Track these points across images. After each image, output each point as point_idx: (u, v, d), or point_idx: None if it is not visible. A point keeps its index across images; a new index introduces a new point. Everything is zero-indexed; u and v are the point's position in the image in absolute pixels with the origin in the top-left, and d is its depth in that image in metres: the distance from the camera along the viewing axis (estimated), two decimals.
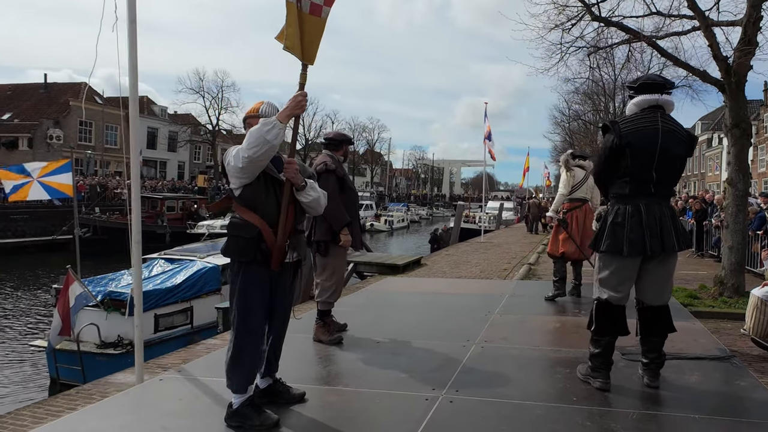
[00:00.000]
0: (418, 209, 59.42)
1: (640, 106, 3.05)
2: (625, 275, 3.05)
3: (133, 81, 3.38)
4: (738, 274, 6.46)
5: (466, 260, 11.96)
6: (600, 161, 3.14)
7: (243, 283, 2.59)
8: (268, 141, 2.40)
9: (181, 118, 45.77)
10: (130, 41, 3.35)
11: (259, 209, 2.59)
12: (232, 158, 2.49)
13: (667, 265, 3.10)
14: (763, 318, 4.84)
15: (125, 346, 7.23)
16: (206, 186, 38.73)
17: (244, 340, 2.59)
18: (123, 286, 7.97)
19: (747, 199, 6.90)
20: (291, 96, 2.57)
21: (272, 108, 2.69)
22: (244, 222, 2.58)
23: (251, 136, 2.41)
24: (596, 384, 3.09)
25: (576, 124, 32.48)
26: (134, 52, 3.36)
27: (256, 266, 2.59)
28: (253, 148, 2.40)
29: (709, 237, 11.53)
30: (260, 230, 2.56)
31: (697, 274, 8.94)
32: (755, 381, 3.23)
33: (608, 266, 3.08)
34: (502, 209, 30.45)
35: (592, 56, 9.03)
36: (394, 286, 7.34)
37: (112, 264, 15.90)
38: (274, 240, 2.58)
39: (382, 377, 3.34)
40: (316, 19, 2.82)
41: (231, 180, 2.60)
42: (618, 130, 2.99)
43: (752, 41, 6.20)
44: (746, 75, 6.44)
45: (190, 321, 8.49)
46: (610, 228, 3.03)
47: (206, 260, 9.37)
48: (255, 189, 2.59)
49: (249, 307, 2.60)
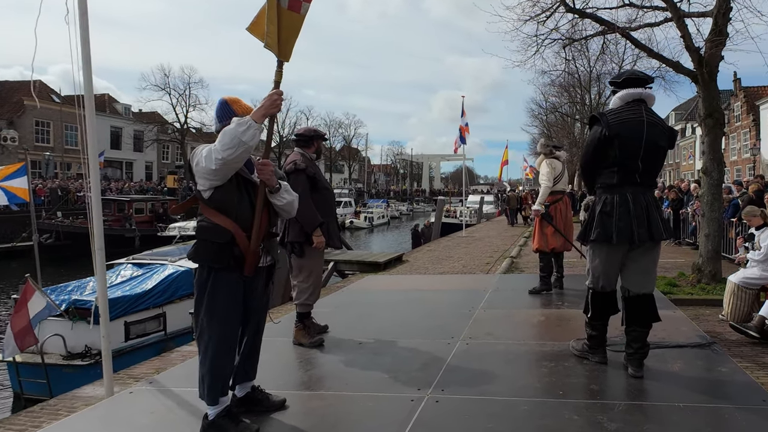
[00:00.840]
0: (398, 205, 59.57)
1: (625, 100, 3.20)
2: (615, 263, 3.23)
3: (87, 77, 3.28)
4: (715, 261, 6.67)
5: (448, 255, 12.03)
6: (588, 151, 3.26)
7: (213, 289, 2.50)
8: (243, 142, 2.31)
9: (147, 116, 44.55)
10: (82, 35, 3.24)
11: (231, 212, 2.50)
12: (203, 159, 2.38)
13: (652, 253, 3.23)
14: (740, 303, 5.01)
15: (93, 356, 7.02)
16: (176, 186, 37.92)
17: (218, 348, 2.51)
18: (88, 294, 7.73)
19: (722, 188, 7.13)
20: (266, 94, 2.51)
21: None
22: (214, 226, 2.49)
23: (225, 137, 2.32)
24: (595, 359, 3.37)
25: (553, 116, 33.05)
26: (87, 47, 3.25)
27: (228, 272, 2.51)
28: (228, 150, 2.30)
29: (685, 225, 11.89)
30: (233, 234, 2.48)
31: (676, 261, 9.20)
32: (735, 366, 3.33)
33: (598, 255, 3.25)
34: (483, 203, 30.74)
35: (568, 48, 9.17)
36: (375, 284, 7.31)
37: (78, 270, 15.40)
38: (247, 244, 2.51)
39: (366, 379, 3.31)
40: (295, 15, 2.79)
41: (199, 181, 2.49)
42: (606, 121, 3.13)
43: (723, 32, 6.39)
44: (718, 65, 6.64)
45: (164, 327, 8.30)
46: (599, 217, 3.16)
47: (178, 264, 9.16)
48: (227, 191, 2.50)
49: (221, 314, 2.51)
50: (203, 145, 2.49)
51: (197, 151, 2.47)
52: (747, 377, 3.13)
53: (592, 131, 3.23)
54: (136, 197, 29.24)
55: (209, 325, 2.50)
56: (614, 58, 19.68)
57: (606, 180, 3.18)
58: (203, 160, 2.38)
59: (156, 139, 43.64)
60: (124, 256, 10.04)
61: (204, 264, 2.53)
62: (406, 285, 7.34)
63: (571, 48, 9.31)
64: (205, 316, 2.51)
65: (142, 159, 44.51)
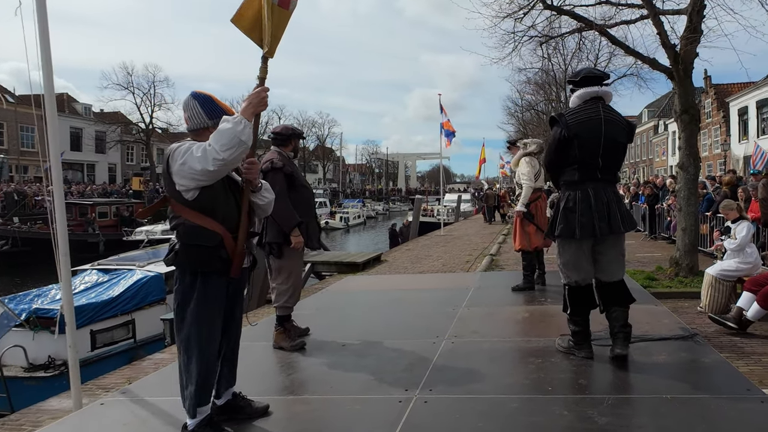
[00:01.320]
0: (374, 205, 59.58)
1: (583, 98, 3.35)
2: (583, 256, 3.35)
3: (47, 75, 3.16)
4: (692, 254, 6.89)
5: (427, 254, 12.08)
6: (550, 152, 3.41)
7: (202, 295, 2.42)
8: (243, 142, 2.27)
9: (109, 116, 43.27)
10: (41, 31, 3.11)
11: (218, 213, 2.44)
12: (195, 159, 2.28)
13: (618, 245, 3.44)
14: (717, 295, 5.19)
15: (58, 367, 6.81)
16: (142, 189, 36.96)
17: (205, 355, 2.44)
18: (51, 302, 7.48)
19: (698, 183, 7.37)
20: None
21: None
22: (202, 229, 2.41)
23: (224, 137, 2.24)
24: (582, 354, 3.39)
25: (529, 114, 33.65)
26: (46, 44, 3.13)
27: (215, 276, 2.45)
28: (228, 150, 2.24)
29: (661, 220, 12.26)
30: (221, 236, 2.43)
31: (653, 256, 9.47)
32: (718, 356, 3.42)
33: (567, 250, 3.38)
34: (461, 201, 31.03)
35: (544, 46, 9.34)
36: (355, 285, 7.27)
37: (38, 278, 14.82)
38: (234, 246, 2.46)
39: (351, 382, 3.27)
40: (284, 11, 2.80)
41: (182, 182, 2.37)
42: (564, 122, 3.28)
43: (697, 29, 6.62)
44: (693, 62, 6.86)
45: (133, 335, 8.09)
46: (563, 214, 3.31)
47: (147, 269, 8.94)
48: (214, 192, 2.43)
49: (208, 319, 2.45)
50: (187, 143, 2.39)
51: (180, 150, 2.36)
52: (730, 367, 3.23)
53: (553, 132, 3.38)
54: (99, 200, 28.40)
55: (197, 332, 2.42)
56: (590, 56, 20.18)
57: (568, 177, 3.35)
58: (196, 161, 2.28)
59: (119, 140, 42.48)
60: (87, 262, 9.73)
61: (189, 269, 2.44)
62: (387, 285, 7.32)
63: (547, 45, 9.48)
64: (192, 323, 2.42)
65: (105, 161, 43.24)
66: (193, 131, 2.53)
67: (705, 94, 30.95)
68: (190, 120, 2.52)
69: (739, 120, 27.28)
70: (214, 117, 2.48)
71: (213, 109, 2.51)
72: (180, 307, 2.46)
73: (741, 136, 27.00)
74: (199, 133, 2.51)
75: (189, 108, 2.52)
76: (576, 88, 3.41)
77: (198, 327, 2.42)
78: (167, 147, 2.50)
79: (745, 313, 4.61)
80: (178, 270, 2.48)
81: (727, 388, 2.83)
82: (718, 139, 29.76)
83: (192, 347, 2.43)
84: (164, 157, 2.46)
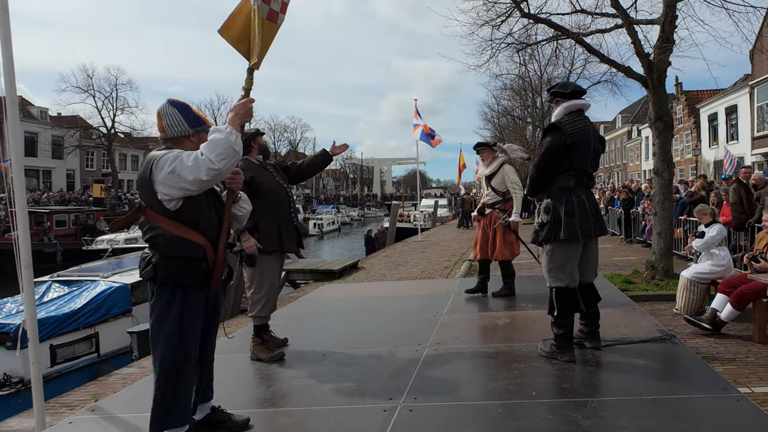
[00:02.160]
0: (349, 210, 59.52)
1: (570, 110, 3.59)
2: (576, 259, 3.57)
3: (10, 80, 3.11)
4: (667, 257, 7.17)
5: (405, 261, 12.15)
6: (548, 158, 3.56)
7: (181, 309, 2.40)
8: (236, 152, 2.33)
9: (67, 120, 41.92)
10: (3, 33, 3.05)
11: (201, 224, 2.44)
12: (186, 168, 2.27)
13: (596, 246, 3.80)
14: (692, 297, 5.43)
15: (14, 384, 6.60)
16: (104, 197, 35.95)
17: (183, 371, 2.42)
18: (6, 316, 7.25)
19: (672, 187, 7.68)
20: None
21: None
22: (182, 240, 2.39)
23: (219, 147, 2.27)
24: (564, 358, 3.52)
25: (506, 119, 34.27)
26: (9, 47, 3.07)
27: (196, 289, 2.44)
28: (224, 160, 2.27)
29: (636, 224, 12.68)
30: (204, 248, 2.43)
31: (629, 260, 9.79)
32: (695, 357, 3.59)
33: (564, 254, 3.54)
34: (437, 206, 31.33)
35: (521, 53, 9.60)
36: (332, 294, 7.26)
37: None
38: (215, 257, 2.47)
39: (334, 392, 3.28)
40: (272, 26, 2.91)
41: (169, 192, 2.34)
42: (567, 130, 3.51)
43: (669, 39, 6.94)
44: (666, 71, 7.19)
45: (96, 349, 7.87)
46: (566, 218, 3.48)
47: (111, 279, 8.72)
48: (198, 202, 2.43)
49: (188, 335, 2.43)
50: (174, 152, 2.36)
51: (166, 158, 2.33)
52: (706, 367, 3.38)
53: (552, 139, 3.55)
54: (56, 208, 27.52)
55: (176, 347, 2.40)
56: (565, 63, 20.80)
57: (563, 183, 3.55)
58: (187, 170, 2.27)
59: (78, 145, 41.17)
60: (44, 273, 9.43)
61: (169, 282, 2.40)
62: (366, 293, 7.34)
63: (524, 52, 9.74)
64: (170, 338, 2.39)
65: (63, 167, 41.86)
66: (171, 139, 2.50)
67: (676, 100, 32.21)
68: (169, 128, 2.49)
69: (709, 126, 28.49)
70: (194, 125, 2.49)
71: (192, 118, 2.51)
72: (158, 322, 2.42)
73: (711, 141, 28.19)
74: (178, 141, 2.50)
75: (168, 116, 2.49)
76: (562, 100, 3.63)
77: (177, 342, 2.40)
78: (147, 154, 2.46)
79: (719, 314, 4.83)
80: (155, 283, 2.43)
81: (704, 388, 2.97)
82: (689, 144, 31.00)
83: (169, 363, 2.40)
84: (145, 165, 2.40)
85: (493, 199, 5.69)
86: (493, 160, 5.72)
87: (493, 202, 5.69)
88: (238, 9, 2.84)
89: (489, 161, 5.73)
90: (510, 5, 7.82)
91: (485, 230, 5.75)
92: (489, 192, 5.72)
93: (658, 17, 7.11)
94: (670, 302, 6.02)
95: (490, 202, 5.71)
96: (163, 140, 2.54)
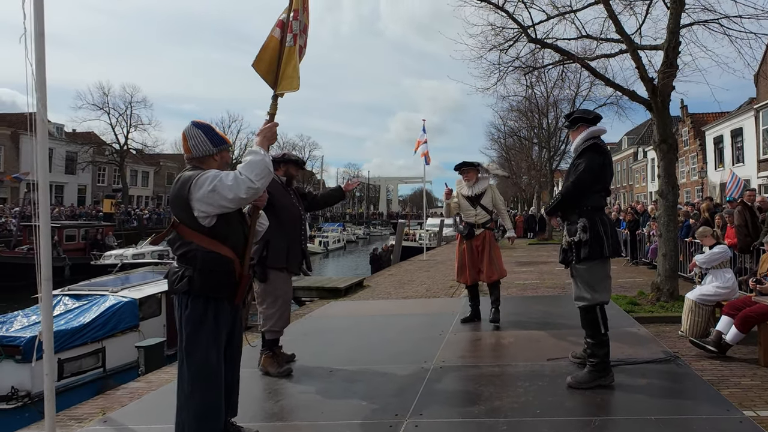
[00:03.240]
0: (355, 229, 59.59)
1: (593, 134, 3.73)
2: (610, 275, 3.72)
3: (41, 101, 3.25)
4: (672, 279, 7.17)
5: (410, 279, 12.17)
6: (589, 177, 3.62)
7: (214, 321, 2.50)
8: (271, 172, 2.53)
9: (82, 136, 42.74)
10: (38, 57, 3.19)
11: (230, 240, 2.57)
12: (227, 188, 2.40)
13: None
14: (698, 319, 5.42)
15: (21, 398, 6.59)
16: (114, 212, 36.32)
17: (215, 386, 2.49)
18: (17, 330, 7.28)
19: (677, 209, 7.72)
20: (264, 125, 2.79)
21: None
22: (215, 254, 2.51)
23: (257, 167, 2.45)
24: (608, 381, 3.47)
25: (512, 140, 34.47)
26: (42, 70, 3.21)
27: (226, 302, 2.55)
28: (263, 180, 2.47)
29: (642, 245, 12.66)
30: (233, 261, 2.55)
31: (635, 281, 9.77)
32: (698, 379, 3.61)
33: (604, 270, 3.65)
34: (443, 225, 31.34)
35: (528, 75, 9.77)
36: (338, 311, 7.31)
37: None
38: (241, 270, 2.58)
39: (341, 407, 3.33)
40: (293, 53, 3.14)
41: (207, 209, 2.46)
42: (604, 151, 3.70)
43: (673, 64, 7.07)
44: (670, 95, 7.30)
45: (102, 364, 7.89)
46: (606, 236, 3.58)
47: (120, 294, 8.79)
48: (230, 219, 2.57)
49: (217, 347, 2.51)
50: (211, 172, 2.48)
51: (206, 178, 2.44)
52: (710, 389, 3.40)
53: (594, 159, 3.61)
54: (66, 223, 27.77)
55: (206, 359, 2.46)
56: (571, 85, 21.06)
57: (596, 203, 3.66)
58: (227, 189, 2.41)
59: (92, 161, 41.88)
60: (54, 287, 9.50)
61: (202, 295, 2.50)
62: (371, 310, 7.38)
63: (530, 75, 9.91)
64: (206, 351, 2.46)
65: (75, 182, 42.47)
66: (196, 158, 2.63)
67: (682, 122, 32.34)
68: (194, 148, 2.63)
69: (715, 148, 28.52)
70: (217, 144, 2.64)
71: (214, 138, 2.65)
72: (190, 337, 2.49)
73: (717, 163, 28.19)
74: (203, 160, 2.63)
75: (192, 137, 2.63)
76: (585, 125, 3.76)
77: (207, 355, 2.47)
78: (180, 174, 2.56)
79: (724, 336, 4.83)
80: (189, 296, 2.51)
81: (707, 409, 3.00)
82: (695, 166, 30.99)
83: (200, 376, 2.46)
84: (180, 184, 2.51)
85: (483, 218, 5.63)
86: (477, 180, 5.67)
87: (485, 221, 5.63)
88: (266, 43, 3.10)
89: (474, 181, 5.65)
90: (518, 31, 8.01)
91: (473, 252, 5.61)
92: (479, 212, 5.62)
93: (662, 43, 7.24)
94: (676, 324, 6.01)
95: (481, 221, 5.62)
96: (188, 160, 2.68)
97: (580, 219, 3.57)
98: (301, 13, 3.17)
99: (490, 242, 5.62)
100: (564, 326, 5.15)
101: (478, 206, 5.61)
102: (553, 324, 5.38)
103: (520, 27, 7.86)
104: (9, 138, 36.33)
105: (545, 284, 9.94)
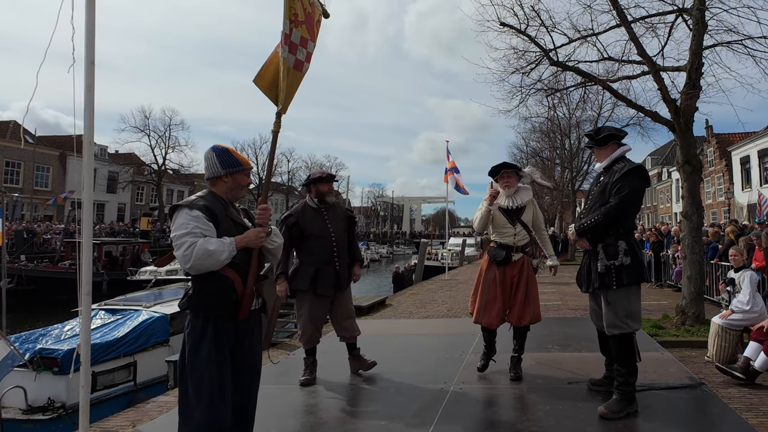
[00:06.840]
0: (378, 247, 59.54)
1: (625, 153, 3.64)
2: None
3: (89, 125, 3.38)
4: (698, 302, 6.90)
5: (432, 299, 12.06)
6: (636, 199, 3.53)
7: (214, 339, 2.48)
8: (221, 262, 2.47)
9: (123, 157, 44.57)
10: (87, 83, 3.33)
11: (232, 260, 2.56)
12: (180, 257, 2.44)
13: None
14: (724, 344, 5.20)
15: (56, 410, 6.71)
16: (149, 229, 37.31)
17: (216, 401, 2.45)
18: (55, 342, 7.48)
19: (701, 231, 7.48)
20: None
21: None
22: (214, 274, 2.51)
23: (204, 253, 2.42)
24: (634, 408, 3.34)
25: (534, 160, 34.17)
26: (91, 96, 3.35)
27: (225, 319, 2.54)
28: (199, 262, 2.42)
29: (666, 268, 12.26)
30: (233, 281, 2.55)
31: (659, 304, 9.45)
32: (725, 407, 3.45)
33: (637, 297, 3.51)
34: (465, 245, 31.06)
35: (550, 97, 9.73)
36: (361, 329, 7.26)
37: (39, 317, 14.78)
38: (243, 289, 2.57)
39: (361, 426, 3.31)
40: (297, 74, 3.16)
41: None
42: (648, 176, 3.61)
43: (696, 85, 6.93)
44: (693, 115, 7.14)
45: (133, 377, 8.01)
46: (642, 260, 3.50)
47: (153, 309, 8.98)
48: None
49: (218, 364, 2.49)
50: (181, 221, 2.50)
51: (176, 228, 2.50)
52: (737, 417, 3.25)
53: (641, 181, 3.49)
54: (106, 240, 28.64)
55: (205, 376, 2.44)
56: (593, 106, 20.88)
57: (631, 225, 3.60)
58: (180, 257, 2.44)
59: (131, 180, 43.48)
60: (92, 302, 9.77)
61: (202, 313, 2.52)
62: (393, 329, 7.33)
63: (552, 97, 9.87)
64: (206, 369, 2.45)
65: (115, 200, 44.08)
66: (209, 179, 2.72)
67: (707, 143, 31.53)
68: (207, 170, 2.72)
69: (742, 169, 27.66)
70: (226, 167, 2.66)
71: (227, 160, 2.68)
72: (191, 353, 2.48)
73: (744, 184, 27.29)
74: (213, 181, 2.69)
75: (206, 159, 2.72)
76: (617, 144, 3.64)
77: (208, 372, 2.44)
78: (192, 190, 2.65)
79: (752, 363, 4.61)
80: (191, 314, 2.55)
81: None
82: (721, 187, 30.06)
83: (199, 393, 2.43)
84: (170, 213, 2.62)
85: (523, 240, 4.28)
86: (518, 189, 4.33)
87: (524, 243, 4.30)
88: (269, 60, 3.11)
89: (514, 189, 4.29)
90: (539, 54, 8.01)
91: (505, 283, 4.23)
92: (518, 230, 4.25)
93: (685, 64, 7.12)
94: (702, 349, 5.76)
95: (521, 243, 4.27)
96: (206, 180, 2.77)
97: (619, 241, 3.40)
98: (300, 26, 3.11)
99: (528, 273, 4.25)
100: (586, 348, 5.01)
101: (517, 223, 4.24)
102: (574, 347, 5.25)
103: (542, 50, 7.86)
104: (57, 159, 38.03)
105: (567, 305, 9.70)
